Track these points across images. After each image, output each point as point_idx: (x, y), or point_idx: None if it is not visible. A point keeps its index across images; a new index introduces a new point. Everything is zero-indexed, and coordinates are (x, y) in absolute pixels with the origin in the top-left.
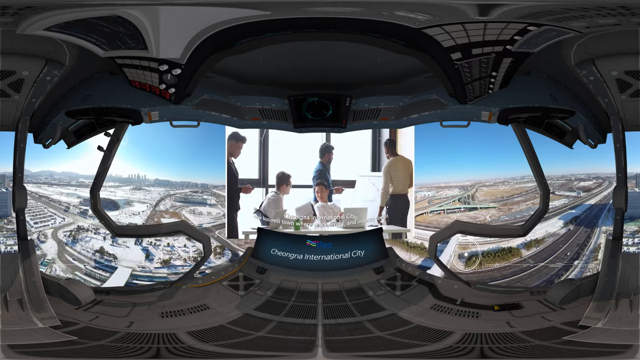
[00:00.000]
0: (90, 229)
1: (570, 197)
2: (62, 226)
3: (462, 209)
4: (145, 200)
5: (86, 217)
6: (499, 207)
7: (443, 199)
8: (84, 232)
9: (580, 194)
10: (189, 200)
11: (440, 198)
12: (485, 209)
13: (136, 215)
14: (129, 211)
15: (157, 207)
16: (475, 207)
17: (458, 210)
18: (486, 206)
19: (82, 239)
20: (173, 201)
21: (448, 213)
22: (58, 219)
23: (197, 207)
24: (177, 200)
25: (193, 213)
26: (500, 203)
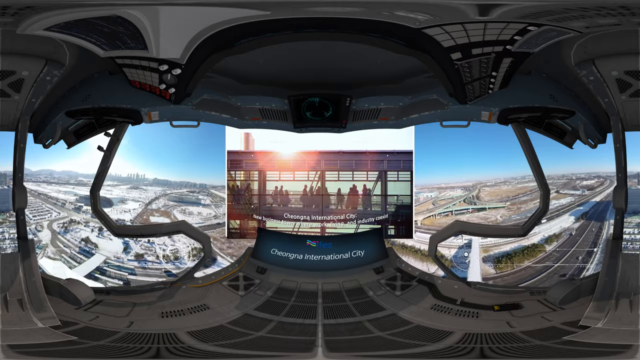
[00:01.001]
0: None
1: (575, 195)
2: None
3: (470, 210)
4: (140, 199)
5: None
6: (507, 206)
7: (447, 200)
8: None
9: (585, 192)
10: (182, 200)
11: (445, 199)
12: (494, 209)
13: (127, 212)
14: (121, 208)
15: (149, 206)
16: (484, 207)
17: (466, 211)
18: (495, 206)
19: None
20: (167, 200)
21: (456, 215)
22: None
23: (188, 206)
24: (171, 200)
25: (183, 213)
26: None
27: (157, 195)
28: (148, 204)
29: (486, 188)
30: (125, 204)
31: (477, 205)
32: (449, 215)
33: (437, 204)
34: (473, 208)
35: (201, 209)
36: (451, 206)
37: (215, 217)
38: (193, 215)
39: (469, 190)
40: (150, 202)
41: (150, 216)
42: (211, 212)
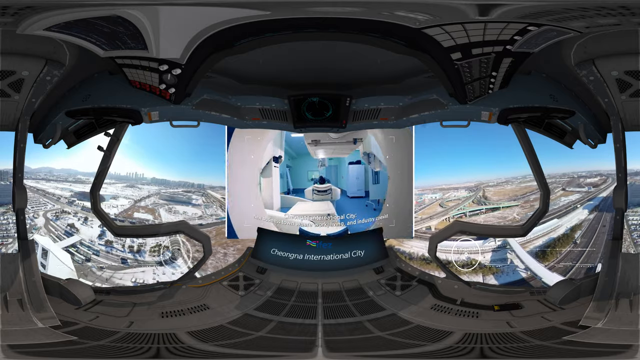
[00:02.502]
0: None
1: (581, 192)
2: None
3: (484, 210)
4: (132, 196)
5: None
6: (521, 204)
7: (455, 201)
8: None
9: (591, 189)
10: (173, 199)
11: (451, 200)
12: (509, 208)
13: (114, 207)
14: (109, 204)
15: (138, 203)
16: (497, 206)
17: (480, 211)
18: (508, 205)
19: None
20: (157, 199)
21: (471, 216)
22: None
23: (176, 205)
24: (162, 199)
25: (169, 211)
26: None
27: (149, 194)
28: (137, 201)
29: (490, 188)
30: (116, 200)
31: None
32: (462, 217)
33: (445, 205)
34: (487, 208)
35: (188, 209)
36: (464, 207)
37: (200, 217)
38: (178, 214)
39: (473, 191)
40: (140, 199)
41: (135, 212)
42: (197, 212)
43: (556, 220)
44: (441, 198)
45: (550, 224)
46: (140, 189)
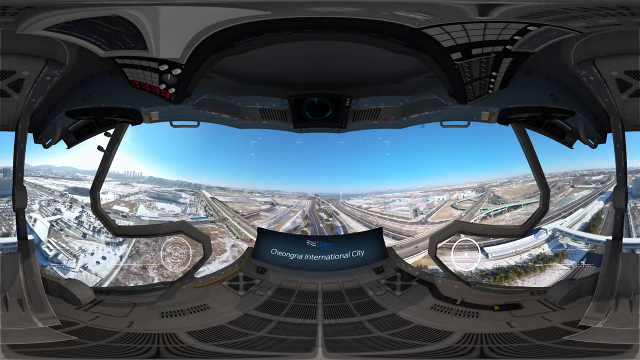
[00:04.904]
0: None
1: (590, 188)
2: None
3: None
4: (121, 193)
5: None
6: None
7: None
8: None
9: (599, 185)
10: (160, 196)
11: (463, 201)
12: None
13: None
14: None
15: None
16: (519, 204)
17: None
18: (528, 202)
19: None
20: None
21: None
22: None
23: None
24: (148, 195)
25: (148, 207)
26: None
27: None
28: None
29: (495, 188)
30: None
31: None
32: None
33: (459, 206)
34: (509, 206)
35: (170, 206)
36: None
37: (176, 215)
38: (155, 210)
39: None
40: (126, 195)
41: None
42: (174, 209)
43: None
44: (449, 199)
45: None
46: (132, 187)
